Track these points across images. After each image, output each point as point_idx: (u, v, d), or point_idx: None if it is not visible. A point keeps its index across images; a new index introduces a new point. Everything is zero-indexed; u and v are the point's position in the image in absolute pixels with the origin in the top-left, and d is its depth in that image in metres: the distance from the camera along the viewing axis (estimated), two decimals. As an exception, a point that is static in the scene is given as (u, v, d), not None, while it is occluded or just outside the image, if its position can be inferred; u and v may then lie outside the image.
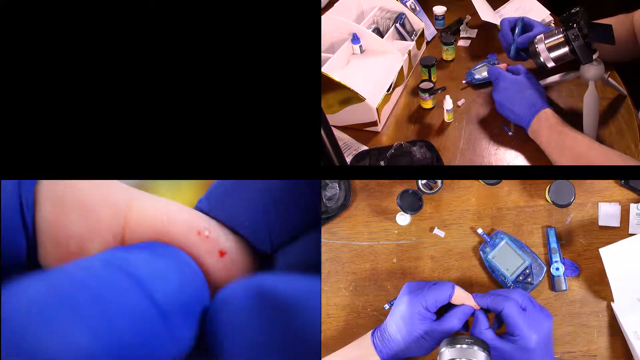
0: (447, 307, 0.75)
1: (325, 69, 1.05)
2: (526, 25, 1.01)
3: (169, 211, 0.56)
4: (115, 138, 0.79)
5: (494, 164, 0.93)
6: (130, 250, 0.52)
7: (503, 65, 1.00)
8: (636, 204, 0.86)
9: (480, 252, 0.87)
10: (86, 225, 0.55)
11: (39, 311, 0.42)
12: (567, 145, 0.85)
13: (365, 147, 1.01)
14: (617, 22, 0.94)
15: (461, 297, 0.73)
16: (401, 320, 0.72)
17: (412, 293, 0.73)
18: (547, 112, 0.89)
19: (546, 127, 0.88)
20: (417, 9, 1.28)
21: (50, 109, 0.78)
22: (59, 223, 0.54)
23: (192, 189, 1.14)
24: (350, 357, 0.74)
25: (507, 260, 0.85)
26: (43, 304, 0.42)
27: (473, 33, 1.27)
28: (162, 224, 0.55)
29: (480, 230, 0.88)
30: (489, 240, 0.87)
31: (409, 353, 0.71)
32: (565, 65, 0.93)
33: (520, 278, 0.84)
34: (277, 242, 0.62)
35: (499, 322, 0.74)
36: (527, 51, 0.98)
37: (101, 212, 0.55)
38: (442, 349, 0.69)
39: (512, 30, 1.02)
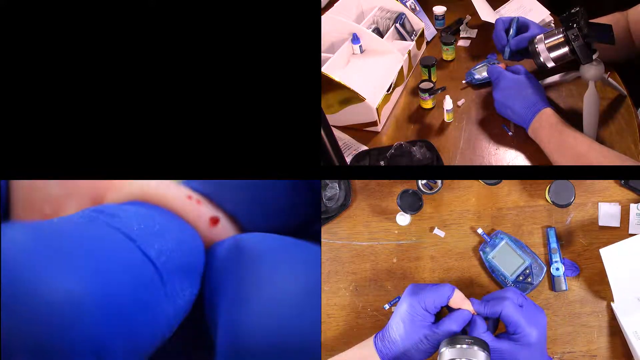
0: (446, 312, 0.75)
1: (325, 69, 1.05)
2: (521, 25, 1.01)
3: (152, 181, 0.56)
4: (115, 138, 0.79)
5: (494, 164, 0.93)
6: (120, 207, 0.52)
7: (502, 65, 1.00)
8: (636, 204, 0.86)
9: (480, 252, 0.87)
10: (64, 189, 0.54)
11: (28, 260, 0.42)
12: (567, 145, 0.85)
13: (365, 147, 1.01)
14: (612, 21, 0.94)
15: (459, 300, 0.73)
16: (401, 321, 0.72)
17: (413, 294, 0.74)
18: (548, 112, 0.89)
19: (546, 127, 0.88)
20: (417, 9, 1.28)
21: (50, 109, 0.78)
22: (35, 185, 0.54)
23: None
24: (352, 358, 0.74)
25: (507, 260, 0.85)
26: (31, 253, 0.42)
27: (473, 33, 1.27)
28: (149, 186, 0.55)
29: (480, 230, 0.88)
30: (489, 240, 0.87)
31: (408, 356, 0.71)
32: (565, 65, 0.93)
33: (520, 278, 0.84)
34: (262, 226, 0.62)
35: (494, 325, 0.74)
36: (521, 53, 0.99)
37: (80, 180, 0.55)
38: (442, 349, 0.69)
39: (507, 30, 1.02)
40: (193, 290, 0.51)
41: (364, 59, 1.16)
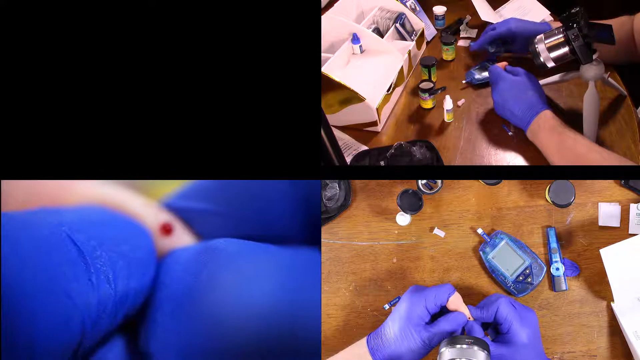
0: (441, 314, 0.75)
1: (325, 69, 1.05)
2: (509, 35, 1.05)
3: (112, 186, 0.57)
4: (115, 138, 0.79)
5: (494, 164, 0.93)
6: (71, 209, 0.52)
7: (502, 64, 0.99)
8: (636, 204, 0.86)
9: (480, 252, 0.87)
10: (29, 188, 0.56)
11: None
12: (566, 147, 0.85)
13: (365, 147, 1.01)
14: (618, 23, 0.94)
15: (457, 302, 0.74)
16: (397, 319, 0.72)
17: (414, 293, 0.74)
18: (547, 114, 0.89)
19: (545, 129, 0.88)
20: (417, 9, 1.28)
21: (50, 109, 0.78)
22: (8, 185, 0.55)
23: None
24: (345, 359, 0.74)
25: (507, 260, 0.85)
26: None
27: (473, 33, 1.27)
28: (108, 191, 0.56)
29: (480, 231, 0.88)
30: (489, 240, 0.87)
31: (400, 355, 0.71)
32: (565, 65, 0.93)
33: (520, 278, 0.84)
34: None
35: (495, 332, 0.74)
36: (495, 44, 1.06)
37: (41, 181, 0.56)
38: (442, 349, 0.69)
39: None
40: (136, 285, 0.51)
41: (364, 59, 1.15)
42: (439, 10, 1.29)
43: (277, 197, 0.72)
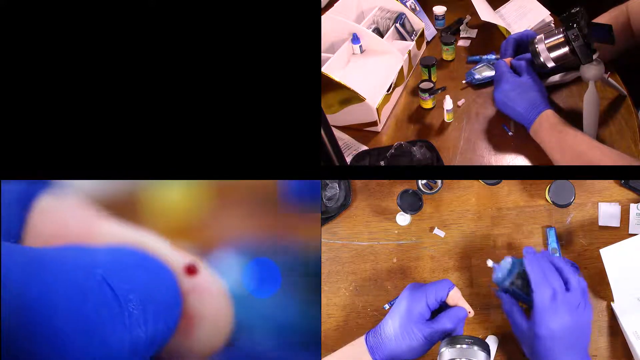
0: (441, 310, 0.75)
1: (325, 69, 1.05)
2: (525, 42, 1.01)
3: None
4: (115, 138, 0.79)
5: (494, 164, 0.93)
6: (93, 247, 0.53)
7: (507, 60, 0.98)
8: (636, 204, 0.86)
9: (495, 282, 0.77)
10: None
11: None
12: (567, 144, 0.85)
13: (365, 147, 1.01)
14: (610, 18, 0.94)
15: (457, 297, 0.74)
16: (397, 317, 0.72)
17: (414, 290, 0.74)
18: (548, 113, 0.89)
19: (547, 128, 0.88)
20: (417, 9, 1.28)
21: (50, 109, 0.78)
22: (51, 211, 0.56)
23: (193, 188, 1.14)
24: (342, 358, 0.74)
25: (524, 281, 0.74)
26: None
27: (473, 33, 1.27)
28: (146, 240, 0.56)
29: (490, 262, 0.77)
30: (497, 267, 0.76)
31: (400, 353, 0.71)
32: (565, 65, 0.93)
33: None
34: None
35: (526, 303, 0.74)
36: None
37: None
38: (442, 349, 0.69)
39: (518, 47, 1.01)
40: (163, 327, 0.51)
41: (364, 59, 1.15)
42: (439, 10, 1.29)
43: None
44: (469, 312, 0.73)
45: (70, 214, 0.57)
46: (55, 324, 0.44)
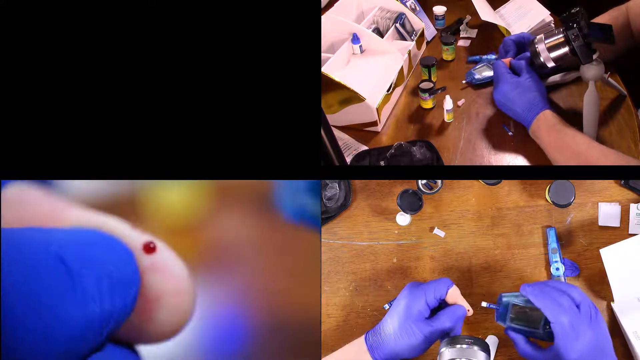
0: (440, 308, 0.75)
1: (325, 69, 1.05)
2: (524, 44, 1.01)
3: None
4: (115, 138, 0.79)
5: (494, 164, 0.93)
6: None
7: (507, 60, 0.98)
8: (636, 204, 0.86)
9: (499, 323, 0.75)
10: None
11: None
12: (567, 144, 0.85)
13: (365, 147, 1.01)
14: (610, 18, 0.94)
15: (456, 295, 0.74)
16: (397, 316, 0.72)
17: (413, 289, 0.74)
18: (547, 114, 0.89)
19: (545, 128, 0.88)
20: (417, 9, 1.28)
21: (49, 109, 0.78)
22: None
23: (193, 188, 1.14)
24: (342, 357, 0.74)
25: (527, 317, 0.73)
26: None
27: (473, 33, 1.27)
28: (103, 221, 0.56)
29: (484, 304, 0.76)
30: (497, 308, 0.75)
31: (400, 352, 0.71)
32: (565, 65, 0.93)
33: (547, 327, 0.71)
34: None
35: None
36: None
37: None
38: (442, 349, 0.69)
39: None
40: (120, 304, 0.51)
41: (364, 59, 1.15)
42: (439, 10, 1.29)
43: None
44: (468, 311, 0.73)
45: (36, 201, 0.57)
46: (4, 301, 0.44)
